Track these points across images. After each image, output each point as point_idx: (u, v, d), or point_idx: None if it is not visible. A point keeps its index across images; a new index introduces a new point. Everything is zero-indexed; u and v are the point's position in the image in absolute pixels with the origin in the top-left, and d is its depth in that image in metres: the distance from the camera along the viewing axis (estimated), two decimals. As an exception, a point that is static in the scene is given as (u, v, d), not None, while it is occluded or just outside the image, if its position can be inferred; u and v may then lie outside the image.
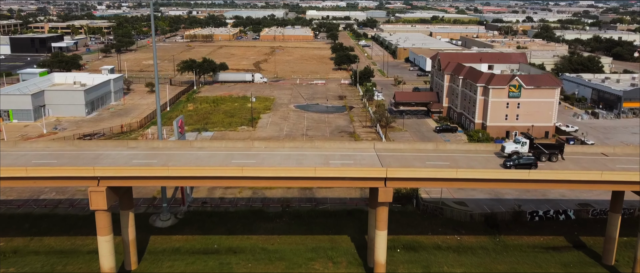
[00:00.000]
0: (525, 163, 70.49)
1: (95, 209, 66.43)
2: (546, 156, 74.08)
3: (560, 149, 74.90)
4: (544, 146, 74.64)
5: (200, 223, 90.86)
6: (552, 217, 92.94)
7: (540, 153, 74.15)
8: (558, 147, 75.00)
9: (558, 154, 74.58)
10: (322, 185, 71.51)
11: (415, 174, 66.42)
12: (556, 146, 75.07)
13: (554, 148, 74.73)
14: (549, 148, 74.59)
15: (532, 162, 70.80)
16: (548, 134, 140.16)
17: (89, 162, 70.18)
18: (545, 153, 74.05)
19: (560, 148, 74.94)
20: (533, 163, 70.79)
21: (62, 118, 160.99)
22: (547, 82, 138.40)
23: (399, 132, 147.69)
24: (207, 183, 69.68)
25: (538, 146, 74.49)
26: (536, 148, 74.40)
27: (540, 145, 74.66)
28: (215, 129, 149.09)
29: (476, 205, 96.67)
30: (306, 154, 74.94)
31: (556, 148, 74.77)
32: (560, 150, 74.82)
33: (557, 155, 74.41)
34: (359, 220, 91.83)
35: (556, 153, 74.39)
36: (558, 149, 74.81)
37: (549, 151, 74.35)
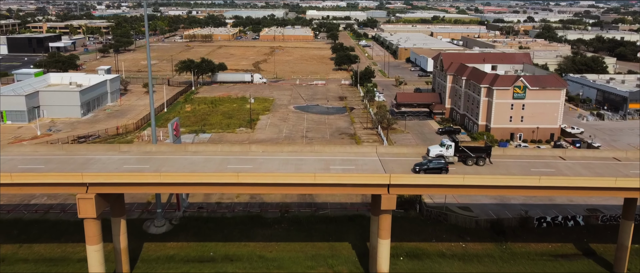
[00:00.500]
0: (435, 167, 67.18)
1: (84, 217, 63.26)
2: (473, 160, 70.96)
3: (488, 153, 71.48)
4: (470, 149, 71.31)
5: (195, 229, 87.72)
6: (560, 223, 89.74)
7: (466, 157, 70.97)
8: (485, 150, 71.51)
9: (485, 157, 71.27)
10: (322, 191, 68.44)
11: (419, 180, 63.30)
12: (483, 149, 71.57)
13: (481, 151, 71.33)
14: (475, 151, 71.23)
15: (443, 166, 67.46)
16: (553, 136, 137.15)
17: (77, 167, 67.06)
18: (472, 157, 70.91)
19: (487, 151, 71.50)
20: (443, 167, 67.48)
21: (57, 119, 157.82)
22: (552, 83, 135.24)
23: (401, 134, 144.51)
24: (202, 190, 66.55)
25: (464, 149, 71.22)
26: (462, 151, 71.19)
27: (467, 148, 71.31)
28: (213, 131, 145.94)
29: (481, 210, 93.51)
30: (305, 159, 71.80)
31: (483, 151, 71.38)
32: (487, 153, 71.42)
33: (484, 159, 71.17)
34: (360, 226, 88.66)
35: (483, 157, 71.13)
36: (485, 152, 71.40)
37: (476, 154, 71.07)
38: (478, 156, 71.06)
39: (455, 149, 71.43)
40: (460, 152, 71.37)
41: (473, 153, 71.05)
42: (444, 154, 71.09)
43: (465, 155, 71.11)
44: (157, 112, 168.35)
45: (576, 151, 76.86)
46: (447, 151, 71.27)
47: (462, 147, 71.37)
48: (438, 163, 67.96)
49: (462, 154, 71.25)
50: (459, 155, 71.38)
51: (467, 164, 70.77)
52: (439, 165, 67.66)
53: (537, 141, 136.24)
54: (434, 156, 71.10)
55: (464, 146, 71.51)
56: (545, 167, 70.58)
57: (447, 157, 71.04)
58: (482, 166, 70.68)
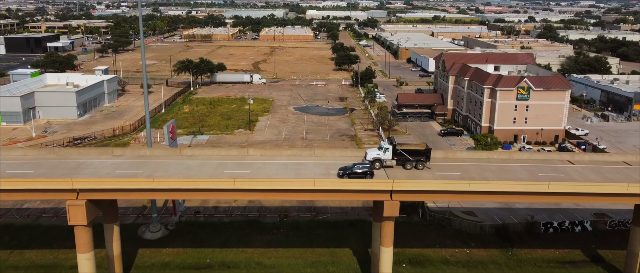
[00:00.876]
0: (359, 172, 64.46)
1: (74, 224, 60.75)
2: (411, 163, 68.39)
3: (427, 156, 68.97)
4: (408, 152, 68.67)
5: (192, 234, 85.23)
6: (567, 229, 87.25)
7: (405, 160, 68.42)
8: (424, 153, 68.99)
9: (424, 160, 68.79)
10: (322, 197, 65.95)
11: (423, 186, 60.76)
12: (422, 152, 69.05)
13: (420, 154, 68.84)
14: (414, 154, 68.70)
15: (367, 171, 64.73)
16: (558, 138, 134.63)
17: (68, 172, 64.57)
18: (410, 160, 68.33)
19: (426, 154, 68.99)
20: (367, 172, 64.73)
21: (53, 120, 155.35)
22: (557, 84, 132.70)
23: (402, 136, 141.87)
24: (196, 196, 64.06)
25: (402, 152, 68.57)
26: (400, 154, 68.56)
27: (405, 151, 68.67)
28: (211, 132, 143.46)
29: (486, 215, 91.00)
30: (305, 164, 69.32)
31: (422, 154, 68.88)
32: (426, 156, 68.90)
33: (423, 162, 68.68)
34: (361, 231, 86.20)
35: (422, 160, 68.62)
36: (424, 155, 68.90)
37: (414, 157, 68.54)
38: (417, 160, 68.50)
39: (393, 152, 68.76)
40: (398, 155, 68.74)
41: (412, 156, 68.49)
42: (381, 157, 68.42)
43: (403, 158, 68.53)
44: (155, 113, 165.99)
45: (585, 154, 74.35)
46: (385, 154, 68.52)
47: (400, 150, 68.70)
48: (363, 167, 65.25)
49: (401, 158, 68.64)
50: (397, 158, 68.72)
51: (406, 167, 68.17)
52: (363, 169, 64.90)
53: (542, 143, 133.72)
54: (371, 159, 68.47)
55: (402, 149, 68.84)
56: (553, 172, 68.08)
57: (384, 160, 68.44)
58: (421, 170, 68.05)
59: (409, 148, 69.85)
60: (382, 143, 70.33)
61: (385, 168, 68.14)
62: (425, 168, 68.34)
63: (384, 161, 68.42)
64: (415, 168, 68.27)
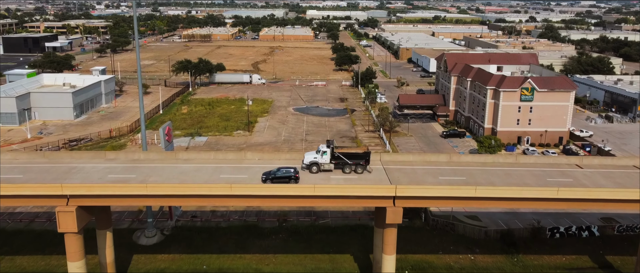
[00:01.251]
0: (283, 176, 62.18)
1: (64, 231, 58.37)
2: (350, 167, 66.01)
3: (366, 159, 66.58)
4: (347, 156, 66.37)
5: (188, 240, 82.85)
6: (574, 234, 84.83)
7: (343, 164, 66.04)
8: (363, 157, 66.61)
9: (363, 164, 66.35)
10: (323, 204, 63.54)
11: (427, 192, 58.37)
12: (361, 155, 66.74)
13: (359, 158, 66.49)
14: (352, 158, 66.33)
15: (291, 176, 62.45)
16: (562, 140, 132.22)
17: (59, 177, 62.21)
18: (349, 164, 65.97)
19: (365, 158, 66.60)
20: (292, 176, 62.47)
21: (48, 121, 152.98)
22: (561, 85, 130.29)
23: (404, 137, 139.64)
24: (191, 202, 61.64)
25: (340, 155, 66.29)
26: (338, 158, 66.27)
27: (343, 155, 66.36)
28: (210, 134, 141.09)
29: (490, 220, 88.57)
30: (304, 168, 66.89)
31: (361, 158, 66.52)
32: (365, 160, 66.52)
33: (362, 166, 66.25)
34: (363, 236, 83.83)
35: (361, 164, 66.19)
36: (363, 158, 66.51)
37: (353, 161, 66.14)
38: (356, 163, 66.13)
39: (331, 155, 66.43)
40: (336, 159, 66.46)
41: (350, 160, 66.10)
42: (318, 161, 66.18)
43: (342, 162, 66.18)
44: (153, 114, 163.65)
45: (593, 158, 71.97)
46: (322, 157, 66.27)
47: (338, 154, 66.43)
48: (286, 172, 62.94)
49: (339, 161, 66.29)
50: (335, 162, 66.42)
51: (345, 171, 65.93)
52: (287, 174, 62.65)
53: (545, 144, 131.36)
54: (307, 163, 66.15)
55: (340, 153, 66.63)
56: (561, 176, 65.72)
57: (322, 164, 66.22)
58: (361, 173, 65.77)
59: (347, 152, 67.47)
60: (321, 146, 67.77)
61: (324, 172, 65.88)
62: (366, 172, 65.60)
63: (321, 165, 66.13)
64: (355, 172, 65.78)
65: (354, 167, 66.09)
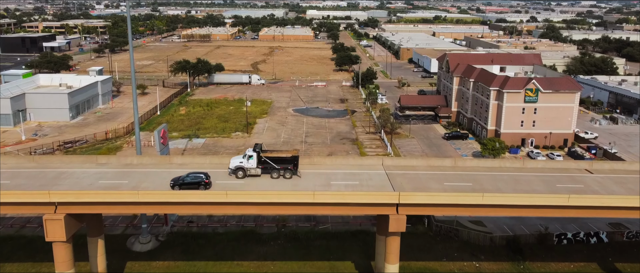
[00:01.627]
0: (192, 182, 59.21)
1: (52, 240, 55.76)
2: (277, 172, 63.39)
3: (294, 163, 64.01)
4: (274, 160, 63.74)
5: (184, 246, 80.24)
6: (582, 240, 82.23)
7: (271, 168, 63.44)
8: (291, 161, 64.00)
9: (292, 168, 63.78)
10: (323, 211, 60.97)
11: (432, 199, 55.78)
12: (288, 159, 64.01)
13: (286, 162, 63.85)
14: (279, 162, 63.72)
15: (200, 181, 59.48)
16: (567, 142, 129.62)
17: (47, 183, 59.58)
18: (276, 168, 63.38)
19: (293, 162, 64.02)
20: (201, 182, 59.49)
21: (44, 123, 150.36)
22: (566, 86, 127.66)
23: (405, 139, 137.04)
24: (185, 211, 59.07)
25: (266, 160, 63.57)
26: (265, 162, 63.61)
27: (270, 159, 63.68)
28: (208, 135, 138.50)
29: (495, 225, 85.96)
30: (303, 173, 64.24)
31: (288, 162, 63.90)
32: (293, 164, 63.95)
33: (291, 170, 63.65)
34: (364, 242, 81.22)
35: (289, 168, 63.60)
36: (291, 163, 63.94)
37: (281, 165, 63.52)
38: (284, 168, 63.54)
39: (258, 160, 63.85)
40: (263, 163, 63.82)
41: (277, 164, 63.53)
42: (244, 165, 63.47)
43: (269, 167, 63.59)
44: (150, 115, 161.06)
45: (604, 163, 69.40)
46: (248, 162, 63.52)
47: (265, 158, 63.80)
48: (196, 178, 59.98)
49: (266, 166, 63.69)
50: (262, 167, 63.81)
51: (273, 176, 63.39)
52: (196, 180, 59.62)
53: (550, 147, 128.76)
54: (233, 168, 63.48)
55: (266, 157, 63.89)
56: (571, 182, 63.10)
57: (248, 169, 63.52)
58: (289, 178, 63.24)
59: (274, 156, 64.76)
60: (249, 150, 65.03)
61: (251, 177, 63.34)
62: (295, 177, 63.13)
63: (247, 170, 63.41)
64: (283, 177, 63.22)
65: (282, 172, 63.41)
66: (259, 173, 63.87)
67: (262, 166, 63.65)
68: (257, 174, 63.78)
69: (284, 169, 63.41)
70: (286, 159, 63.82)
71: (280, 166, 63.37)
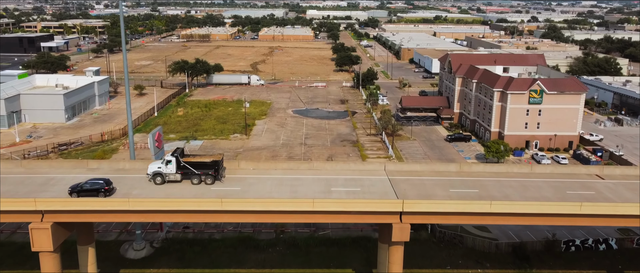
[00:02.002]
0: (90, 189, 56.37)
1: (39, 250, 53.14)
2: (197, 178, 60.67)
3: (215, 168, 61.22)
4: (194, 165, 60.89)
5: (180, 253, 77.60)
6: (591, 247, 79.58)
7: (191, 174, 60.72)
8: (211, 166, 61.18)
9: (213, 174, 61.03)
10: (323, 220, 58.29)
11: (438, 207, 53.15)
12: (209, 165, 61.14)
13: (207, 167, 61.06)
14: (200, 168, 60.91)
15: (100, 188, 56.65)
16: (572, 145, 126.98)
17: (35, 189, 56.96)
18: (196, 174, 60.69)
19: (214, 167, 61.20)
20: (100, 189, 56.60)
21: (39, 124, 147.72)
22: (571, 87, 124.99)
23: (407, 141, 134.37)
24: (178, 219, 56.40)
25: (186, 165, 60.78)
26: (184, 168, 60.78)
27: (190, 164, 60.84)
28: (206, 137, 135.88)
29: (501, 232, 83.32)
30: (303, 179, 61.65)
31: (209, 167, 61.10)
32: (215, 170, 61.16)
33: (212, 176, 60.89)
34: (365, 249, 78.61)
35: (210, 173, 60.85)
36: (212, 168, 61.14)
37: (201, 171, 60.78)
38: (204, 173, 60.83)
39: (177, 165, 61.05)
40: (182, 169, 61.06)
41: (197, 169, 60.76)
42: (163, 171, 60.79)
43: (189, 172, 60.89)
44: (147, 116, 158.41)
45: (615, 168, 66.75)
46: (167, 167, 60.80)
47: (184, 163, 61.02)
48: (94, 184, 57.09)
49: (186, 171, 60.97)
50: (182, 172, 61.09)
51: (193, 182, 60.69)
52: (95, 187, 56.69)
53: (555, 149, 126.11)
54: (151, 173, 60.84)
55: (186, 162, 61.09)
56: (582, 189, 60.48)
57: (167, 175, 60.85)
58: (211, 184, 60.53)
59: (194, 161, 61.97)
60: (168, 155, 62.15)
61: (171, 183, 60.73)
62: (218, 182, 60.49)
63: (166, 176, 60.75)
64: (205, 183, 60.50)
65: (203, 177, 60.70)
66: (179, 178, 61.20)
67: (181, 172, 60.95)
68: (177, 180, 61.13)
69: (205, 174, 60.64)
70: (206, 164, 60.97)
71: (200, 172, 60.63)
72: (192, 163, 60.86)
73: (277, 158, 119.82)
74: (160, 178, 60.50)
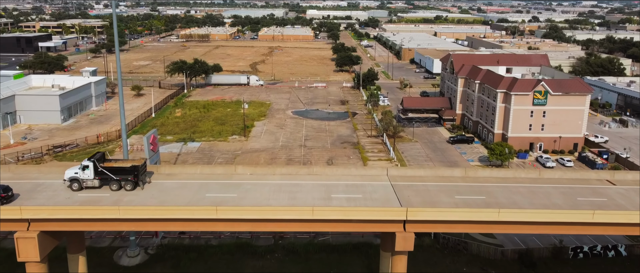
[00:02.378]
0: None
1: (25, 261, 50.64)
2: (117, 183, 57.89)
3: (134, 174, 58.29)
4: (112, 171, 58.11)
5: (175, 259, 75.20)
6: (599, 254, 77.15)
7: (109, 180, 57.98)
8: (131, 171, 58.27)
9: (132, 180, 58.14)
10: (322, 228, 55.74)
11: (444, 215, 50.69)
12: (128, 170, 58.25)
13: (126, 173, 58.17)
14: (118, 173, 58.09)
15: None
16: (577, 147, 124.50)
17: (22, 196, 54.43)
18: (115, 180, 57.90)
19: (133, 172, 58.28)
20: None
21: (34, 125, 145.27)
22: (576, 88, 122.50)
23: (409, 143, 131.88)
24: (171, 227, 53.87)
25: (103, 170, 58.02)
26: (101, 173, 58.07)
27: (108, 169, 58.06)
28: (203, 139, 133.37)
29: (506, 238, 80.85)
30: (302, 185, 59.13)
31: (128, 173, 58.21)
32: (134, 175, 58.23)
33: (132, 182, 58.04)
34: (366, 256, 76.22)
35: (129, 179, 58.02)
36: (131, 173, 58.23)
37: (119, 176, 57.95)
38: (123, 179, 58.03)
39: (95, 170, 58.39)
40: (100, 174, 58.34)
41: (116, 175, 58.01)
42: (80, 177, 58.07)
43: (107, 178, 58.15)
44: (145, 117, 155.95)
45: (627, 173, 64.28)
46: (84, 173, 58.10)
47: (102, 168, 58.30)
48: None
49: (105, 177, 58.27)
50: (99, 178, 58.35)
51: (112, 188, 57.90)
52: None
53: (559, 151, 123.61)
54: (68, 179, 58.11)
55: (103, 167, 58.31)
56: (593, 195, 58.00)
57: (84, 181, 58.19)
58: (131, 190, 57.71)
59: (112, 166, 59.14)
60: (86, 160, 59.16)
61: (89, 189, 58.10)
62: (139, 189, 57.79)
63: (83, 181, 58.09)
64: (124, 189, 57.77)
65: (123, 183, 57.95)
66: (97, 184, 58.54)
67: (99, 178, 58.24)
68: (95, 186, 58.48)
69: (124, 180, 57.87)
70: (125, 169, 58.12)
71: (119, 177, 57.88)
72: (111, 168, 58.00)
73: (276, 160, 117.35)
74: (77, 184, 57.65)
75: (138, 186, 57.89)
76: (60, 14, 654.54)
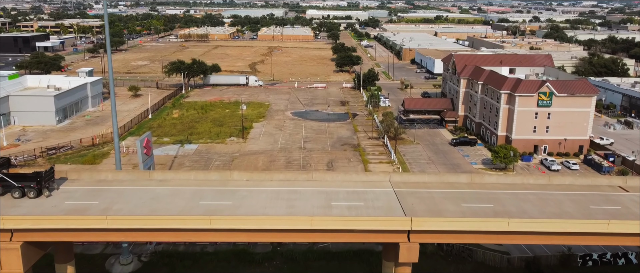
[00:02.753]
0: None
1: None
2: (19, 191, 53.99)
3: (38, 181, 54.20)
4: (13, 178, 54.30)
5: (169, 267, 72.58)
6: (609, 261, 74.47)
7: (8, 186, 54.21)
8: (33, 178, 54.13)
9: (35, 186, 54.19)
10: (322, 239, 52.94)
11: (450, 225, 47.99)
12: (29, 177, 54.18)
13: (28, 180, 54.08)
14: (20, 180, 54.17)
15: None
16: (583, 149, 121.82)
17: (5, 204, 51.68)
18: (17, 187, 54.03)
19: (36, 179, 54.18)
20: None
21: (28, 127, 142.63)
22: (581, 89, 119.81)
23: (410, 145, 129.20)
24: (161, 238, 51.13)
25: (3, 176, 54.20)
26: (2, 180, 54.28)
27: (8, 176, 54.29)
28: (201, 141, 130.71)
29: (513, 245, 78.01)
30: (301, 192, 56.38)
31: (30, 179, 54.06)
32: (37, 182, 54.15)
33: (35, 189, 54.05)
34: (368, 263, 73.59)
35: (32, 186, 54.05)
36: (33, 180, 54.07)
37: (21, 183, 54.04)
38: (26, 186, 54.15)
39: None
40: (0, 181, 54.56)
41: (18, 182, 54.15)
42: None
43: (7, 184, 54.29)
44: (141, 118, 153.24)
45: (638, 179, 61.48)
46: None
47: (3, 174, 54.57)
48: None
49: (5, 184, 54.43)
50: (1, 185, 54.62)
51: (14, 196, 54.11)
52: None
53: (564, 154, 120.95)
54: None
55: (3, 174, 54.52)
56: (606, 202, 55.29)
57: None
58: (33, 198, 53.91)
59: (16, 172, 55.49)
60: None
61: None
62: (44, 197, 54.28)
63: None
64: (28, 196, 53.94)
65: (26, 190, 54.12)
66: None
67: (0, 184, 54.61)
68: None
69: (27, 187, 54.01)
70: (27, 176, 54.18)
71: (21, 184, 54.12)
72: (12, 175, 54.62)
73: (275, 163, 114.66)
74: None
75: (42, 194, 54.46)
76: (59, 13, 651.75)
